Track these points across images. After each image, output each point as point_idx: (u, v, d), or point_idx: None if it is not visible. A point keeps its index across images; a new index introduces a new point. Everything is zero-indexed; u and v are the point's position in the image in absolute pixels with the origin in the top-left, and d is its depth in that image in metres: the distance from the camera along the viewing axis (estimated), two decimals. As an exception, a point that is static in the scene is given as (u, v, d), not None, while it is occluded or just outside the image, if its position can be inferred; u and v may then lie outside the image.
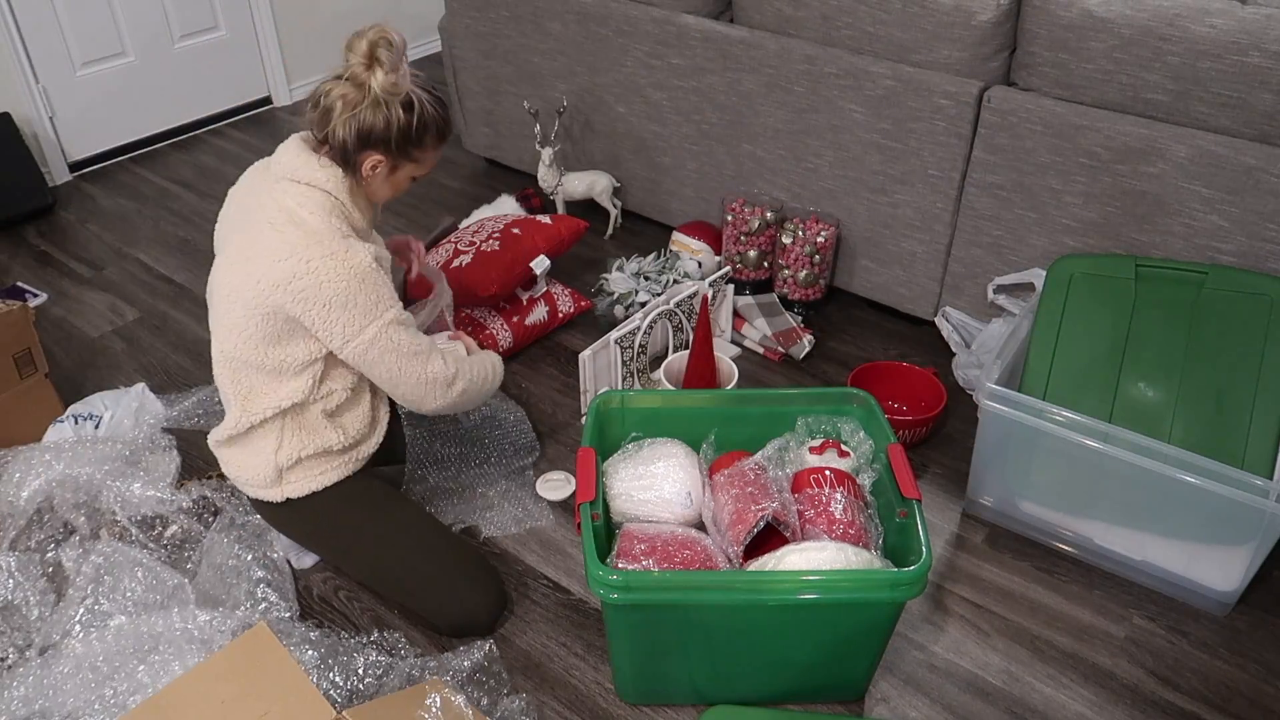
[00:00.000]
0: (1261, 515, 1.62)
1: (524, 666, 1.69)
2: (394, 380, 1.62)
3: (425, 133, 1.58)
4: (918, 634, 1.76)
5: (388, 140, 1.55)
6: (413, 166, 1.62)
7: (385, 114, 1.53)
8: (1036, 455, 1.83)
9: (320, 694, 1.36)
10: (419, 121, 1.56)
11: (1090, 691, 1.66)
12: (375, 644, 1.70)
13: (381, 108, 1.52)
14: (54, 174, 3.29)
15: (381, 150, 1.56)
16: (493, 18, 2.88)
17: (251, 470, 1.69)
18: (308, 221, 1.52)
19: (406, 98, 1.54)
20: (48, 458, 1.92)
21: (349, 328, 1.53)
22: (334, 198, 1.56)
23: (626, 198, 2.92)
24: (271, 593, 1.75)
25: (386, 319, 1.56)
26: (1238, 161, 1.84)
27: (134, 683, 1.53)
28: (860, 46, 2.25)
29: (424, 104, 1.56)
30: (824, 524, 1.54)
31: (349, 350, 1.56)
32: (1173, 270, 1.82)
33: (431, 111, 1.57)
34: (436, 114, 1.59)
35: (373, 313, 1.54)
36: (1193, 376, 1.78)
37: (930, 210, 2.27)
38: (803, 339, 2.40)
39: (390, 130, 1.54)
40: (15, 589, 1.73)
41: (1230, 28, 1.79)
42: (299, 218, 1.52)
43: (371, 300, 1.53)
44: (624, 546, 1.52)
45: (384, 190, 1.64)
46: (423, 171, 1.66)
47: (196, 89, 3.62)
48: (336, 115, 1.52)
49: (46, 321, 2.60)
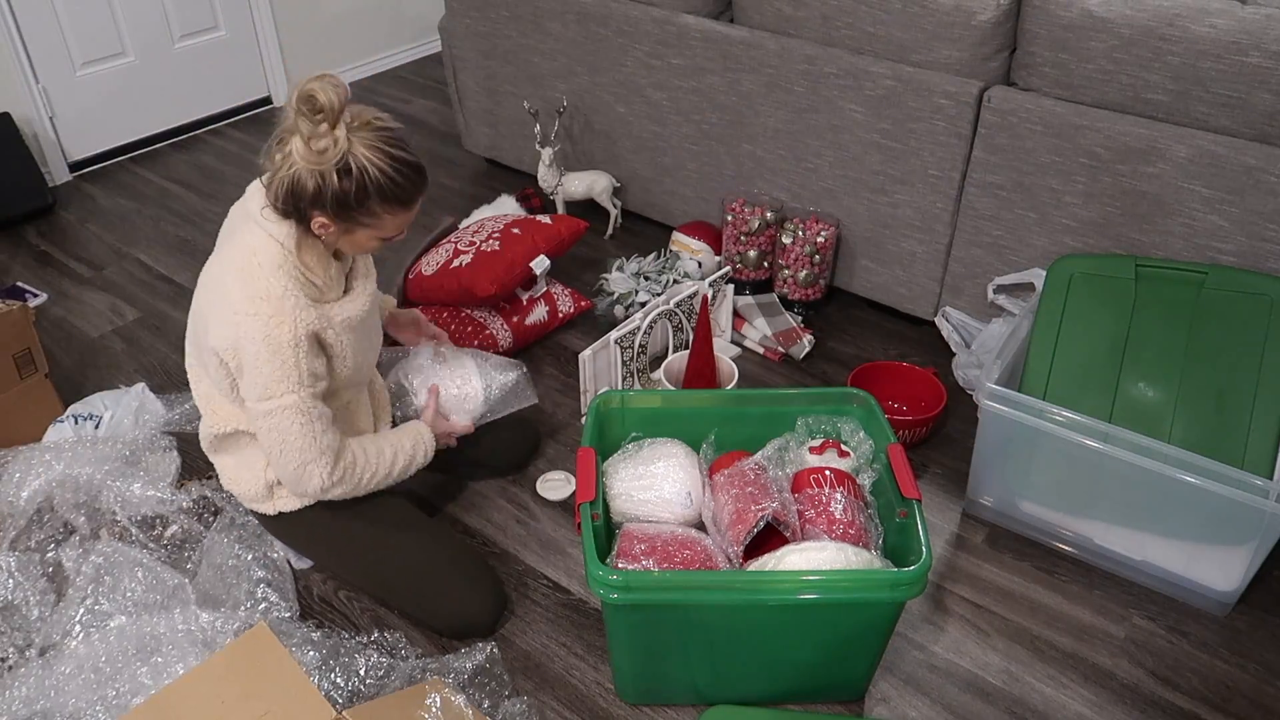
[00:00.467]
0: (1261, 515, 1.61)
1: (524, 667, 1.69)
2: (273, 458, 1.56)
3: (368, 200, 1.42)
4: (918, 634, 1.76)
5: (324, 204, 1.42)
6: (366, 231, 1.48)
7: (317, 179, 1.39)
8: (1036, 455, 1.83)
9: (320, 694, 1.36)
10: (358, 188, 1.40)
11: (1090, 691, 1.66)
12: (376, 644, 1.70)
13: (316, 171, 1.39)
14: (54, 174, 3.29)
15: (323, 213, 1.44)
16: (493, 18, 2.88)
17: (244, 484, 1.69)
18: (255, 272, 1.46)
19: (344, 162, 1.38)
20: (48, 458, 1.92)
21: (251, 390, 1.49)
22: (285, 250, 1.47)
23: (626, 198, 2.92)
24: (272, 593, 1.75)
25: (284, 402, 1.48)
26: (1238, 161, 1.84)
27: (136, 684, 1.53)
28: (860, 46, 2.25)
29: (367, 170, 1.39)
30: (824, 524, 1.54)
31: (248, 410, 1.52)
32: (1173, 270, 1.82)
33: (378, 178, 1.40)
34: (386, 180, 1.41)
35: (273, 388, 1.47)
36: (1193, 376, 1.78)
37: (930, 210, 2.27)
38: (803, 339, 2.40)
39: (323, 196, 1.40)
40: (15, 589, 1.73)
41: (1230, 28, 1.79)
42: (250, 265, 1.46)
43: (277, 375, 1.46)
44: (624, 546, 1.52)
45: (348, 248, 1.54)
46: (386, 234, 1.50)
47: (196, 89, 3.62)
48: (273, 169, 1.42)
49: (46, 321, 2.60)
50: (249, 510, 1.74)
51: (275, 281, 1.46)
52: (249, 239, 1.49)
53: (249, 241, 1.48)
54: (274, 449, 1.54)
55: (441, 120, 3.72)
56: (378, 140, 1.41)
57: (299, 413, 1.50)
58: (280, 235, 1.47)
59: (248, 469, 1.67)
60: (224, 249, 1.53)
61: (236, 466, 1.69)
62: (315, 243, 1.51)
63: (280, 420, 1.50)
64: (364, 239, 1.50)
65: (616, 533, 1.59)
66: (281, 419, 1.50)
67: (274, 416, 1.50)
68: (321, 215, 1.44)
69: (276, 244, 1.47)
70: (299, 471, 1.56)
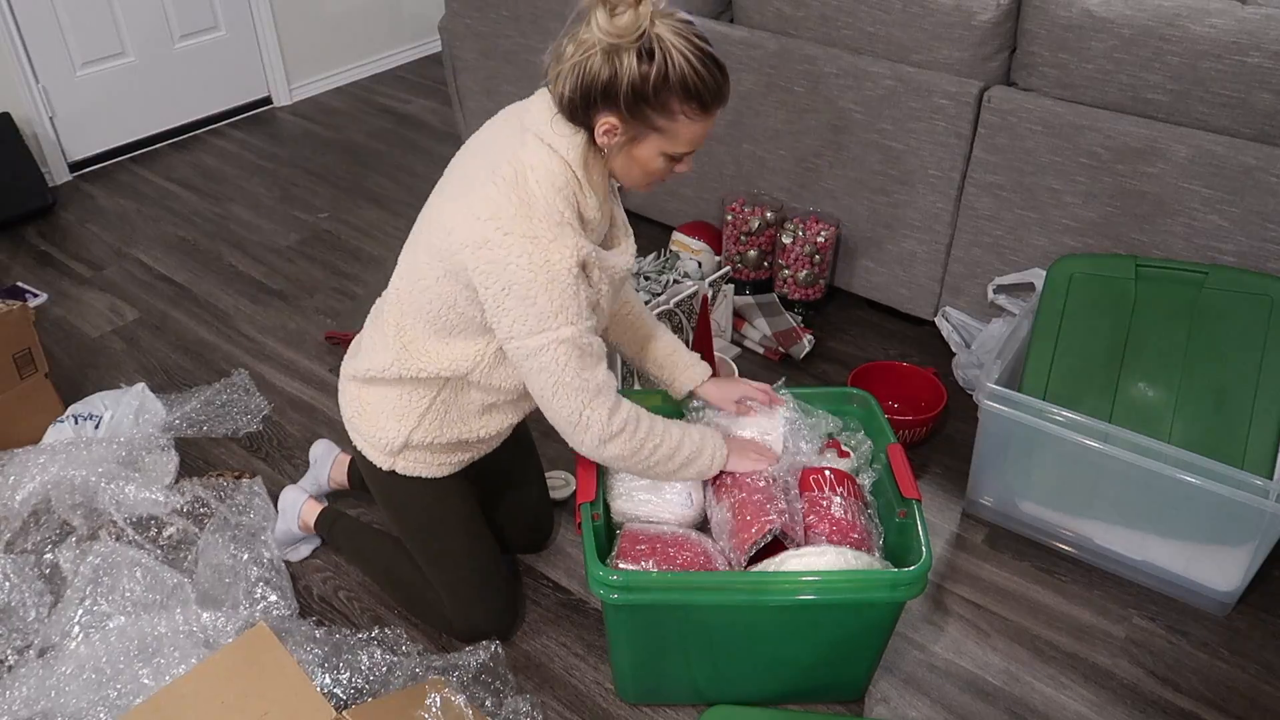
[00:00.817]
0: (1261, 515, 1.61)
1: (524, 666, 1.69)
2: (545, 402, 1.42)
3: (666, 92, 1.25)
4: (918, 634, 1.75)
5: (615, 97, 1.26)
6: (658, 139, 1.31)
7: (613, 63, 1.24)
8: (1036, 455, 1.83)
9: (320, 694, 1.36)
10: (658, 75, 1.24)
11: (1090, 691, 1.66)
12: (377, 641, 1.69)
13: (612, 55, 1.24)
14: (54, 174, 3.29)
15: (613, 111, 1.28)
16: (493, 18, 2.88)
17: (378, 429, 1.56)
18: (530, 189, 1.31)
19: (646, 42, 1.23)
20: (42, 460, 1.91)
21: (518, 324, 1.34)
22: (571, 172, 1.32)
23: (626, 198, 2.92)
24: (271, 591, 1.75)
25: (560, 335, 1.33)
26: (1238, 161, 1.84)
27: (137, 684, 1.53)
28: (860, 46, 2.25)
29: (670, 54, 1.24)
30: (824, 525, 1.54)
31: (510, 347, 1.38)
32: (1173, 270, 1.82)
33: (682, 65, 1.24)
34: (690, 70, 1.25)
35: (547, 322, 1.32)
36: (1193, 376, 1.78)
37: (930, 210, 2.27)
38: (803, 339, 2.40)
39: (617, 84, 1.25)
40: (11, 591, 1.72)
41: (1230, 28, 1.79)
42: (524, 181, 1.31)
43: (553, 308, 1.31)
44: (624, 546, 1.52)
45: (630, 169, 1.37)
46: (678, 148, 1.33)
47: (196, 89, 3.62)
48: (564, 61, 1.27)
49: (46, 321, 2.59)
50: (355, 447, 1.61)
51: (555, 203, 1.31)
52: (525, 154, 1.33)
53: (524, 156, 1.32)
54: (547, 392, 1.39)
55: (441, 120, 3.72)
56: (683, 29, 1.27)
57: (575, 346, 1.35)
58: (568, 151, 1.32)
59: (394, 418, 1.53)
60: (484, 159, 1.37)
61: (381, 409, 1.55)
62: (598, 163, 1.36)
63: (555, 356, 1.35)
64: (649, 154, 1.33)
65: (617, 533, 1.59)
66: (556, 354, 1.34)
67: (546, 353, 1.34)
68: (611, 114, 1.28)
69: (562, 162, 1.32)
70: (574, 418, 1.40)
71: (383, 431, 1.55)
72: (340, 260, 2.87)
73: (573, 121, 1.31)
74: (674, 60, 1.24)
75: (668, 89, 1.25)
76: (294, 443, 2.19)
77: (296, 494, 1.89)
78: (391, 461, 1.58)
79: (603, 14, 1.23)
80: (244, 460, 2.14)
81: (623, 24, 1.22)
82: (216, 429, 2.19)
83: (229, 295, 2.72)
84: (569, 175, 1.32)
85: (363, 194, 3.23)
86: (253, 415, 2.25)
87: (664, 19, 1.25)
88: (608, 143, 1.32)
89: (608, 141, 1.31)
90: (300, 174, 3.37)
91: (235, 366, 2.42)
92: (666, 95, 1.26)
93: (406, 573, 1.73)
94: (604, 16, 1.23)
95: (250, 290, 2.74)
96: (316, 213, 3.12)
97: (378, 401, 1.56)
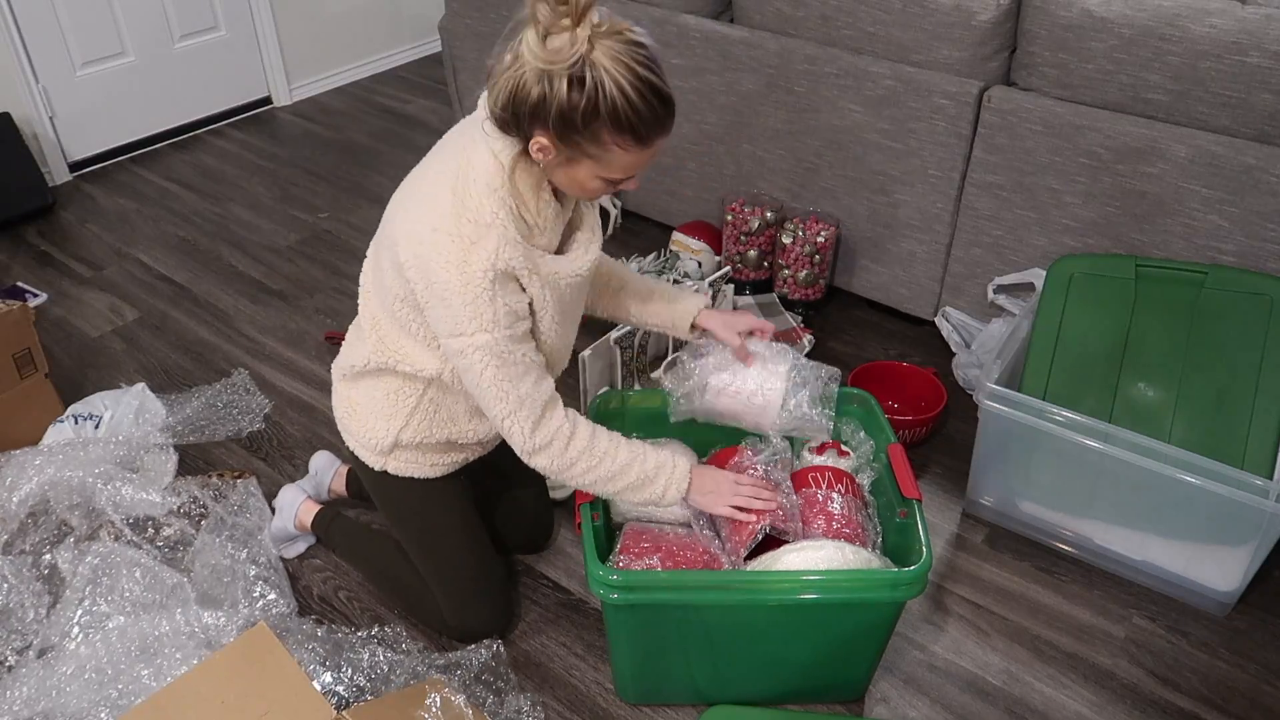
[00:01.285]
0: (1261, 515, 1.61)
1: (524, 666, 1.69)
2: (477, 401, 1.41)
3: (597, 123, 1.18)
4: (918, 634, 1.75)
5: (545, 119, 1.19)
6: (592, 164, 1.25)
7: (544, 85, 1.17)
8: (1036, 455, 1.83)
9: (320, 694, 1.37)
10: (588, 105, 1.16)
11: (1090, 691, 1.66)
12: (378, 639, 1.69)
13: (545, 76, 1.16)
14: (54, 174, 3.29)
15: (544, 132, 1.22)
16: (493, 18, 2.88)
17: (367, 429, 1.55)
18: (466, 188, 1.28)
19: (579, 69, 1.14)
20: (39, 461, 1.91)
21: (440, 324, 1.33)
22: (503, 170, 1.28)
23: (626, 198, 2.92)
24: (269, 590, 1.75)
25: (475, 341, 1.31)
26: (1238, 161, 1.84)
27: (139, 684, 1.53)
28: (860, 46, 2.25)
29: (604, 83, 1.15)
30: (821, 522, 1.54)
31: (443, 346, 1.37)
32: (1173, 270, 1.82)
33: (614, 96, 1.16)
34: (624, 102, 1.17)
35: (463, 325, 1.30)
36: (1193, 376, 1.78)
37: (930, 210, 2.27)
38: (803, 339, 2.40)
39: (546, 109, 1.18)
40: (9, 593, 1.72)
41: (1230, 28, 1.79)
42: (463, 178, 1.28)
43: (468, 312, 1.29)
44: (627, 544, 1.52)
45: (570, 185, 1.31)
46: (613, 174, 1.26)
47: (196, 89, 3.62)
48: (500, 72, 1.21)
49: (46, 321, 2.59)
50: (352, 454, 1.61)
51: (486, 205, 1.27)
52: (468, 152, 1.30)
53: (467, 155, 1.30)
54: (475, 393, 1.38)
55: (442, 120, 3.72)
56: (625, 53, 1.16)
57: (493, 355, 1.32)
58: (500, 152, 1.28)
59: (382, 418, 1.52)
60: (440, 155, 1.36)
61: (369, 409, 1.53)
62: (532, 170, 1.30)
63: (474, 362, 1.33)
64: (585, 176, 1.27)
65: (617, 533, 1.59)
66: (475, 360, 1.33)
67: (466, 357, 1.33)
68: (542, 135, 1.22)
69: (495, 162, 1.28)
70: (499, 423, 1.39)
71: (372, 431, 1.55)
72: (340, 260, 2.87)
73: (505, 133, 1.26)
74: (605, 91, 1.15)
75: (598, 120, 1.18)
76: (294, 443, 2.19)
77: (295, 493, 1.90)
78: (383, 461, 1.58)
79: (533, 36, 1.14)
80: (244, 460, 2.14)
81: (554, 47, 1.14)
82: (219, 433, 2.19)
83: (229, 295, 2.72)
84: (501, 176, 1.28)
85: (363, 194, 3.23)
86: (254, 415, 2.25)
87: (607, 39, 1.15)
88: (542, 159, 1.26)
89: (542, 159, 1.25)
90: (300, 174, 3.37)
91: (235, 366, 2.42)
92: (597, 126, 1.18)
93: (403, 573, 1.73)
94: (534, 39, 1.14)
95: (250, 290, 2.74)
96: (316, 213, 3.12)
97: (366, 401, 1.55)
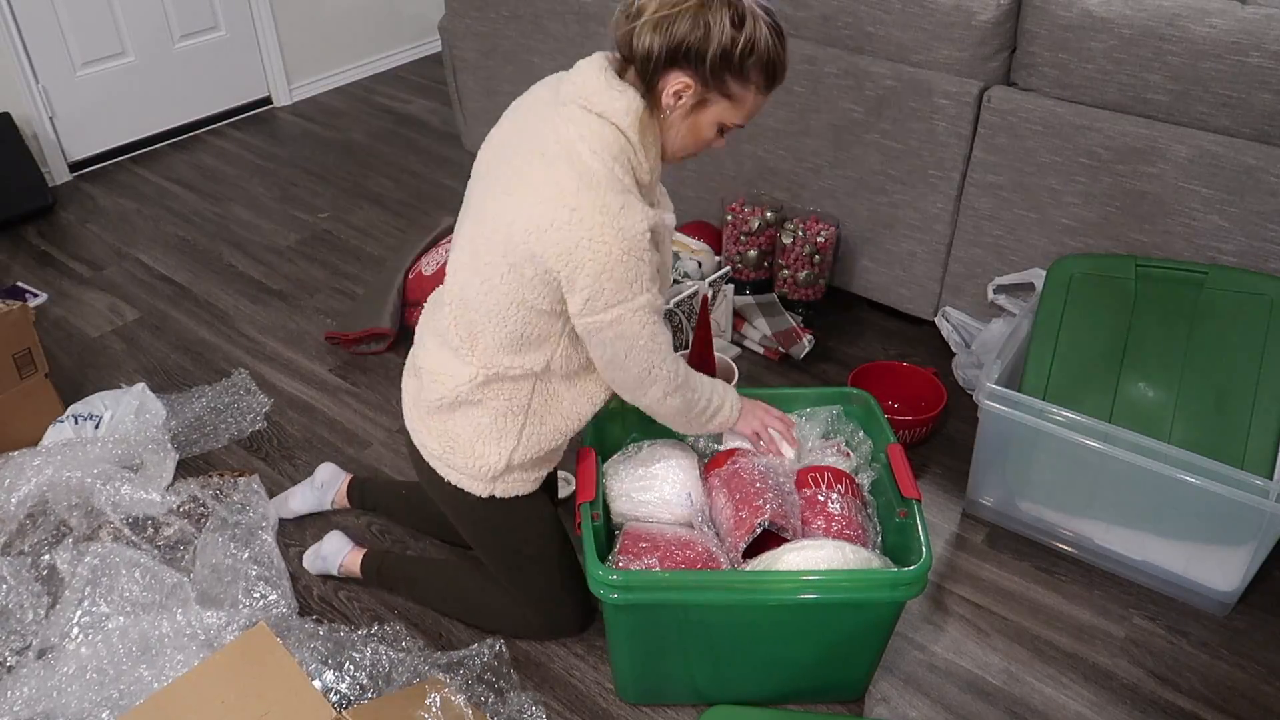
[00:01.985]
0: (1261, 515, 1.61)
1: (525, 666, 1.69)
2: (615, 364, 1.39)
3: (750, 62, 1.27)
4: (918, 634, 1.75)
5: (702, 58, 1.25)
6: (725, 106, 1.31)
7: (707, 22, 1.23)
8: (1036, 455, 1.83)
9: (320, 694, 1.37)
10: (746, 44, 1.25)
11: (1090, 691, 1.66)
12: (378, 637, 1.69)
13: (704, 14, 1.23)
14: (54, 174, 3.29)
15: (691, 72, 1.27)
16: (493, 18, 2.88)
17: (475, 458, 1.49)
18: (586, 162, 1.28)
19: (740, 10, 1.24)
20: (37, 462, 1.91)
21: (594, 300, 1.30)
22: (625, 137, 1.30)
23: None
24: (270, 590, 1.75)
25: (638, 303, 1.31)
26: (1238, 161, 1.84)
27: (140, 685, 1.53)
28: (860, 46, 2.25)
29: (759, 26, 1.25)
30: (821, 522, 1.54)
31: (581, 322, 1.34)
32: (1173, 270, 1.82)
33: (767, 39, 1.26)
34: (772, 44, 1.27)
35: (625, 292, 1.29)
36: (1193, 376, 1.78)
37: (930, 210, 2.27)
38: (803, 339, 2.40)
39: (708, 44, 1.24)
40: (8, 593, 1.72)
41: (1230, 28, 1.79)
42: (577, 154, 1.28)
43: (630, 277, 1.29)
44: (626, 544, 1.52)
45: (682, 134, 1.35)
46: (736, 119, 1.34)
47: (196, 89, 3.62)
48: (648, 14, 1.25)
49: (46, 321, 2.60)
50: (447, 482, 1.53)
51: (615, 172, 1.28)
52: (566, 130, 1.30)
53: (567, 131, 1.30)
54: (615, 356, 1.37)
55: (441, 120, 3.72)
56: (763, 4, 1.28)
57: (652, 311, 1.33)
58: (623, 117, 1.29)
59: (492, 442, 1.48)
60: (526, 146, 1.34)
61: (475, 437, 1.49)
62: (653, 125, 1.33)
63: (631, 324, 1.32)
64: (708, 122, 1.33)
65: (616, 533, 1.59)
66: (632, 322, 1.32)
67: (623, 322, 1.32)
68: (686, 74, 1.27)
69: (612, 128, 1.29)
70: (642, 375, 1.39)
71: (482, 459, 1.49)
72: (340, 260, 2.88)
73: (642, 79, 1.29)
74: (760, 30, 1.25)
75: (752, 58, 1.26)
76: (294, 443, 2.19)
77: (341, 542, 1.86)
78: (491, 488, 1.52)
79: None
80: (244, 460, 2.14)
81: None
82: (221, 437, 2.19)
83: (229, 295, 2.72)
84: (622, 141, 1.30)
85: (363, 194, 3.23)
86: (254, 415, 2.25)
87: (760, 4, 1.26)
88: (673, 104, 1.30)
89: (673, 103, 1.30)
90: (300, 174, 3.37)
91: (235, 366, 2.42)
92: (751, 64, 1.27)
93: (470, 586, 1.72)
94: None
95: (250, 290, 2.74)
96: (316, 213, 3.12)
97: (470, 431, 1.49)
